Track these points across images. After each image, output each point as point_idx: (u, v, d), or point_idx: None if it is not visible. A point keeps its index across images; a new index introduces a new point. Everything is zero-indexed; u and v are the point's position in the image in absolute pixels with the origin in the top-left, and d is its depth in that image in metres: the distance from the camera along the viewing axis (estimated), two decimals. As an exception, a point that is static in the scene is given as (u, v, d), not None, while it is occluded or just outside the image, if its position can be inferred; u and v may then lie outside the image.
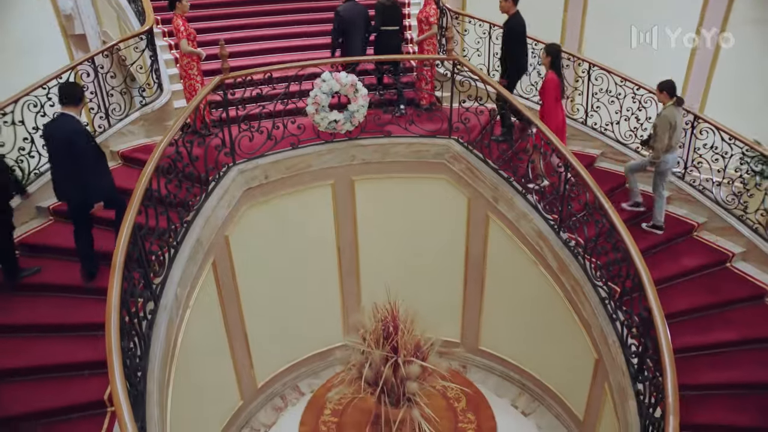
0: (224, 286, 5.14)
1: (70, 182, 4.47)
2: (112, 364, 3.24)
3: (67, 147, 4.33)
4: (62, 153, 4.39)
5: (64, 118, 4.41)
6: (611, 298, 4.70)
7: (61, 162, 4.45)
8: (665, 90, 5.39)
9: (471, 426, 4.80)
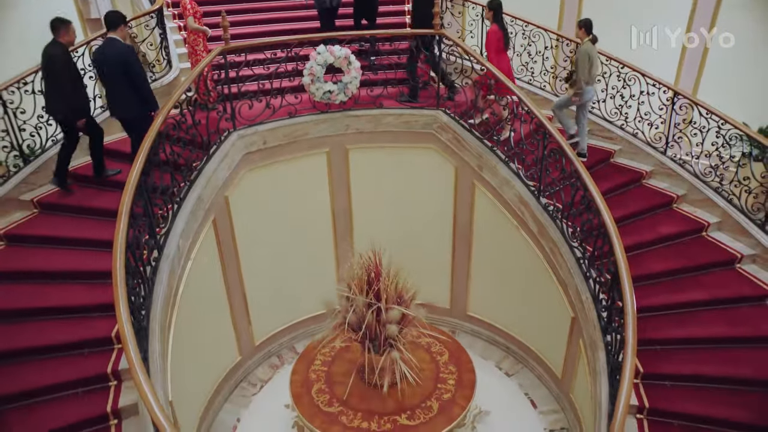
0: (224, 244, 5.50)
1: (126, 98, 5.19)
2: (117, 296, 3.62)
3: (122, 65, 5.03)
4: (117, 72, 5.08)
5: (113, 41, 5.14)
6: (585, 257, 4.99)
7: (116, 80, 5.13)
8: (583, 27, 5.93)
9: (452, 376, 5.12)
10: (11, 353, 4.28)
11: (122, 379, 4.32)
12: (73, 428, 4.00)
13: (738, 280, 5.34)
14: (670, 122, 6.23)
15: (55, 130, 5.81)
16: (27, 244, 5.13)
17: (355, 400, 4.87)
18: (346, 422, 4.66)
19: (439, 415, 4.73)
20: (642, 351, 4.89)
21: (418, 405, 4.81)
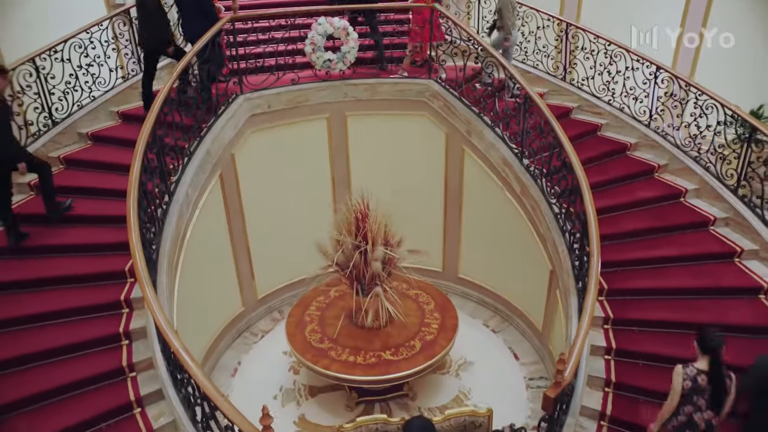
0: (230, 199, 5.99)
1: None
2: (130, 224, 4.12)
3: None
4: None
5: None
6: (562, 213, 5.36)
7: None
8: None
9: (436, 321, 5.52)
10: (42, 281, 4.86)
11: (134, 307, 4.82)
12: (90, 344, 4.52)
13: (709, 240, 5.65)
14: (653, 96, 6.55)
15: (81, 95, 6.38)
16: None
17: (344, 339, 5.30)
18: (334, 356, 5.09)
19: (420, 352, 5.13)
20: (613, 300, 5.26)
21: (402, 344, 5.21)
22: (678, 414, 3.58)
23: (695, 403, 3.51)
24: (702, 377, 3.49)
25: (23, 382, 4.19)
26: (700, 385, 3.48)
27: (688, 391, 3.50)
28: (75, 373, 4.31)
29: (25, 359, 4.32)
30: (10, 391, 4.11)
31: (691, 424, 3.55)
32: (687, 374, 3.52)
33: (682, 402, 3.53)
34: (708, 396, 3.49)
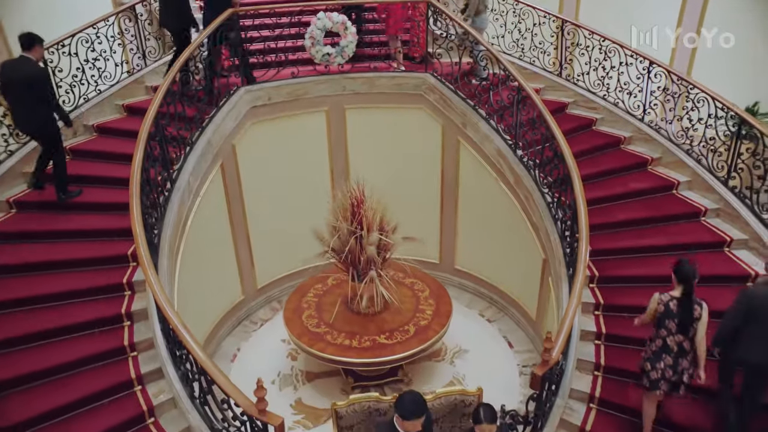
0: (230, 188, 6.14)
1: None
2: (132, 208, 4.27)
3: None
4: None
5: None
6: (554, 202, 5.47)
7: None
8: None
9: (430, 307, 5.64)
10: (47, 264, 5.03)
11: (135, 290, 4.96)
12: (93, 324, 4.68)
13: (700, 230, 5.75)
14: (647, 90, 6.66)
15: (87, 89, 6.56)
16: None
17: (340, 324, 5.42)
18: (330, 340, 5.22)
19: (414, 336, 5.25)
20: (604, 287, 5.37)
21: (397, 328, 5.33)
22: (654, 339, 3.98)
23: (667, 326, 3.89)
24: (674, 303, 3.87)
25: (27, 359, 4.34)
26: (672, 310, 3.86)
27: (661, 315, 3.90)
28: (78, 352, 4.46)
29: (29, 338, 4.48)
30: (14, 368, 4.26)
31: (665, 347, 3.94)
32: (661, 300, 3.92)
33: (657, 325, 3.94)
34: (678, 320, 3.84)
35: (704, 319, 3.85)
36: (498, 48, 7.22)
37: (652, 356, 4.02)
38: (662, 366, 3.94)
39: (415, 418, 3.14)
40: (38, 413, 4.03)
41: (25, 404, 4.08)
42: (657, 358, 3.98)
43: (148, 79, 7.12)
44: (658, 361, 3.97)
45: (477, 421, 3.40)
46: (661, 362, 3.95)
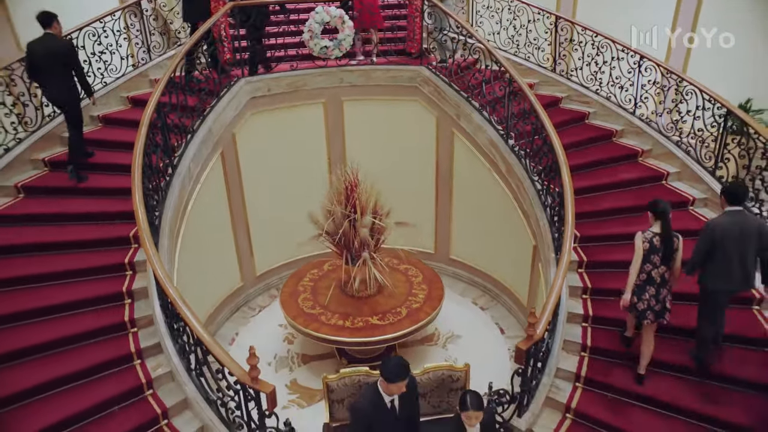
0: (230, 176, 6.33)
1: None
2: (134, 177, 4.46)
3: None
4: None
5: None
6: (544, 190, 5.62)
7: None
8: None
9: (422, 292, 5.78)
10: (53, 245, 5.23)
11: (137, 270, 5.14)
12: (95, 301, 4.87)
13: (688, 218, 5.86)
14: (638, 84, 6.81)
15: (93, 81, 6.77)
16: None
17: (335, 306, 5.58)
18: (324, 320, 5.37)
19: (406, 318, 5.39)
20: (592, 272, 5.50)
21: (389, 310, 5.48)
22: (640, 273, 4.30)
23: (652, 261, 4.24)
24: (656, 238, 4.20)
25: (31, 333, 4.53)
26: (656, 245, 4.20)
27: (647, 252, 4.23)
28: (80, 327, 4.65)
29: (34, 313, 4.67)
30: (19, 340, 4.45)
31: (650, 279, 4.29)
32: (645, 237, 4.25)
33: (643, 261, 4.26)
34: (660, 253, 4.19)
35: (681, 250, 4.27)
36: (494, 44, 7.41)
37: (637, 289, 4.33)
38: (647, 297, 4.29)
39: (399, 380, 3.26)
40: (41, 382, 4.21)
41: (29, 374, 4.26)
42: (642, 290, 4.31)
43: (152, 72, 7.33)
44: (643, 293, 4.31)
45: (464, 407, 3.45)
46: (646, 293, 4.29)
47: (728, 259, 4.14)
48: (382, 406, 3.36)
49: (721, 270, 4.18)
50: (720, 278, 4.21)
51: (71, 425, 4.09)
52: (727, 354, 4.62)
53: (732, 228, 4.14)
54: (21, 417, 4.01)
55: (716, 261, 4.18)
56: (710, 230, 4.21)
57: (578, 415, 4.63)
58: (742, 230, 4.12)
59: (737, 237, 4.12)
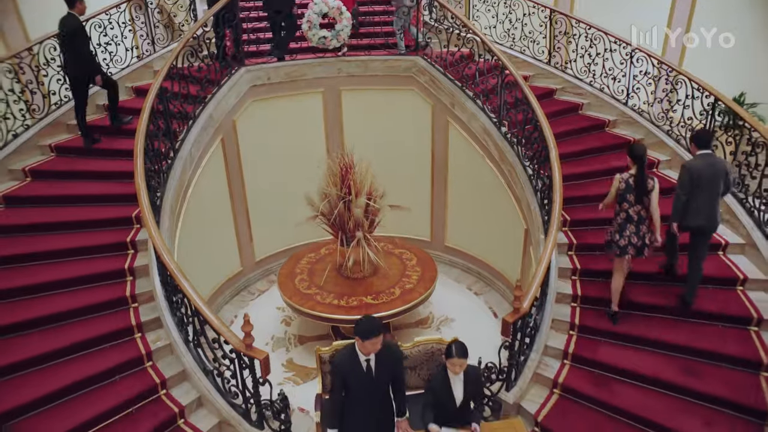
0: (230, 162, 6.50)
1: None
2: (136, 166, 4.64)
3: None
4: None
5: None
6: (535, 174, 5.76)
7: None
8: None
9: (416, 274, 5.93)
10: (59, 225, 5.42)
11: (138, 249, 5.32)
12: (100, 277, 5.04)
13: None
14: (630, 75, 6.95)
15: (108, 69, 6.97)
16: (72, 155, 6.27)
17: (330, 286, 5.73)
18: (319, 300, 5.52)
19: (399, 298, 5.53)
20: (581, 255, 5.63)
21: (383, 291, 5.63)
22: (618, 213, 4.74)
23: (628, 199, 4.66)
24: (632, 179, 4.61)
25: (36, 306, 4.70)
26: (631, 185, 4.61)
27: (622, 191, 4.64)
28: (83, 301, 4.82)
29: (39, 288, 4.85)
30: (26, 312, 4.62)
31: (629, 217, 4.70)
32: (622, 178, 4.67)
33: (619, 201, 4.70)
34: (635, 193, 4.59)
35: (656, 191, 4.62)
36: (490, 38, 7.57)
37: (618, 228, 4.76)
38: (628, 233, 4.70)
39: (372, 336, 3.38)
40: (46, 351, 4.38)
41: (34, 344, 4.43)
42: (623, 228, 4.73)
43: (156, 64, 7.52)
44: (624, 230, 4.72)
45: (449, 355, 3.67)
46: (626, 230, 4.70)
47: (703, 198, 4.62)
48: (357, 365, 3.51)
49: (696, 208, 4.64)
50: (696, 216, 4.66)
51: (75, 392, 4.26)
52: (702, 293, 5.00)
53: (705, 169, 4.61)
54: (26, 383, 4.19)
55: (693, 200, 4.62)
56: (689, 171, 4.62)
57: (565, 390, 4.76)
58: (713, 171, 4.61)
59: (710, 177, 4.60)
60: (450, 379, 3.70)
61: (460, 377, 3.71)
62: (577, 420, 4.51)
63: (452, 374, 3.70)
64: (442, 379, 3.71)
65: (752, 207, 5.46)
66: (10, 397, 4.06)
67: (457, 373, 3.66)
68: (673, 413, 4.31)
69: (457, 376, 3.70)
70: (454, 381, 3.71)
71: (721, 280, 5.17)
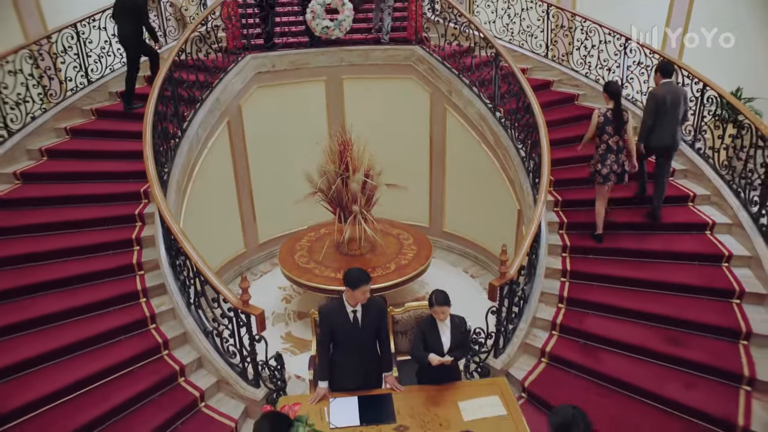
0: (236, 145, 6.77)
1: None
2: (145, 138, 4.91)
3: None
4: None
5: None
6: (528, 155, 5.96)
7: None
8: None
9: (412, 252, 6.12)
10: (71, 198, 5.74)
11: (146, 222, 5.59)
12: (110, 246, 5.31)
13: (668, 187, 6.10)
14: (624, 65, 7.14)
15: (113, 60, 7.33)
16: (86, 138, 6.59)
17: (328, 261, 5.94)
18: (317, 273, 5.73)
19: (394, 272, 5.73)
20: (571, 233, 5.81)
21: (379, 266, 5.83)
22: (600, 145, 5.35)
23: (607, 131, 5.28)
24: (609, 112, 5.26)
25: (49, 271, 4.98)
26: (609, 118, 5.25)
27: (602, 124, 5.27)
28: (93, 266, 5.09)
29: (54, 254, 5.14)
30: (39, 276, 4.90)
31: (609, 148, 5.31)
32: (601, 112, 5.30)
33: (599, 135, 5.32)
34: (613, 125, 5.23)
35: (631, 122, 5.33)
36: (491, 33, 7.81)
37: (600, 158, 5.34)
38: (609, 162, 5.30)
39: (361, 284, 3.59)
40: (56, 311, 4.64)
41: (48, 303, 4.70)
42: (604, 158, 5.32)
43: (167, 55, 7.85)
44: (605, 159, 5.31)
45: (431, 304, 3.88)
46: (608, 160, 5.30)
47: (668, 120, 5.37)
48: (345, 316, 3.72)
49: (660, 130, 5.40)
50: (660, 137, 5.44)
51: (83, 348, 4.51)
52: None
53: (668, 95, 5.36)
54: (39, 339, 4.45)
55: (658, 123, 5.38)
56: (654, 97, 5.39)
57: (553, 358, 4.91)
58: (675, 96, 5.37)
59: (673, 101, 5.35)
60: (437, 324, 3.90)
61: (446, 324, 3.92)
62: (563, 386, 4.67)
63: (439, 322, 3.90)
64: (431, 322, 3.92)
65: (738, 188, 5.60)
66: (25, 349, 4.32)
67: (443, 320, 3.87)
68: (655, 378, 4.45)
69: (443, 323, 3.90)
70: (441, 327, 3.91)
71: (708, 257, 5.31)
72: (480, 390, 4.03)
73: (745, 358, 4.40)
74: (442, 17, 7.16)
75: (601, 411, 4.21)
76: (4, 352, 4.27)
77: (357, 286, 3.60)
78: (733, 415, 4.03)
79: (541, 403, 4.59)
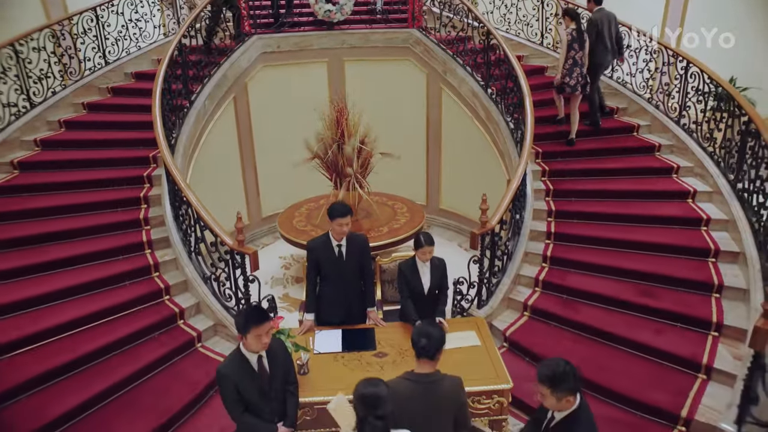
0: (241, 121, 7.16)
1: None
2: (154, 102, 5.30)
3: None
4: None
5: None
6: (516, 127, 6.25)
7: None
8: None
9: (405, 218, 6.38)
10: (90, 161, 6.16)
11: (153, 183, 5.96)
12: (120, 203, 5.71)
13: (653, 160, 6.37)
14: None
15: (129, 44, 7.79)
16: (102, 112, 7.03)
17: (325, 225, 6.21)
18: (313, 234, 6.01)
19: (387, 234, 5.99)
20: (558, 200, 6.05)
21: (373, 228, 6.10)
22: (566, 60, 6.25)
23: (574, 47, 6.20)
24: (574, 31, 6.19)
25: (62, 223, 5.37)
26: (574, 36, 6.19)
27: (570, 40, 6.17)
28: (105, 220, 5.48)
29: (71, 208, 5.56)
30: (52, 226, 5.30)
31: (575, 62, 6.22)
32: (568, 32, 6.17)
33: (568, 49, 6.19)
34: (578, 42, 6.19)
35: (588, 41, 6.30)
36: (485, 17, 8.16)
37: (567, 72, 6.25)
38: (576, 74, 6.23)
39: (341, 216, 3.89)
40: (69, 256, 5.03)
41: (62, 250, 5.09)
42: (571, 71, 6.24)
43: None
44: (572, 72, 6.23)
45: (418, 245, 4.14)
46: (574, 72, 6.23)
47: (605, 40, 6.45)
48: (330, 250, 4.03)
49: (600, 49, 6.44)
50: (602, 54, 6.49)
51: (91, 290, 4.86)
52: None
53: (603, 19, 6.45)
54: (53, 279, 4.84)
55: (600, 41, 6.42)
56: (594, 21, 6.46)
57: (534, 311, 5.14)
58: (609, 18, 6.48)
59: (607, 22, 6.44)
60: (418, 265, 4.16)
61: (426, 265, 4.17)
62: (541, 334, 4.89)
63: (420, 262, 4.16)
64: (412, 264, 4.18)
65: (719, 158, 5.81)
66: (42, 287, 4.71)
67: (427, 260, 4.12)
68: (628, 326, 4.66)
69: (424, 264, 4.16)
70: (422, 268, 4.17)
71: (687, 220, 5.50)
72: (458, 326, 4.29)
73: (715, 307, 4.58)
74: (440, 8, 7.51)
75: (573, 355, 4.41)
76: (25, 287, 4.70)
77: (334, 217, 3.90)
78: (698, 355, 4.22)
79: (520, 350, 4.83)
